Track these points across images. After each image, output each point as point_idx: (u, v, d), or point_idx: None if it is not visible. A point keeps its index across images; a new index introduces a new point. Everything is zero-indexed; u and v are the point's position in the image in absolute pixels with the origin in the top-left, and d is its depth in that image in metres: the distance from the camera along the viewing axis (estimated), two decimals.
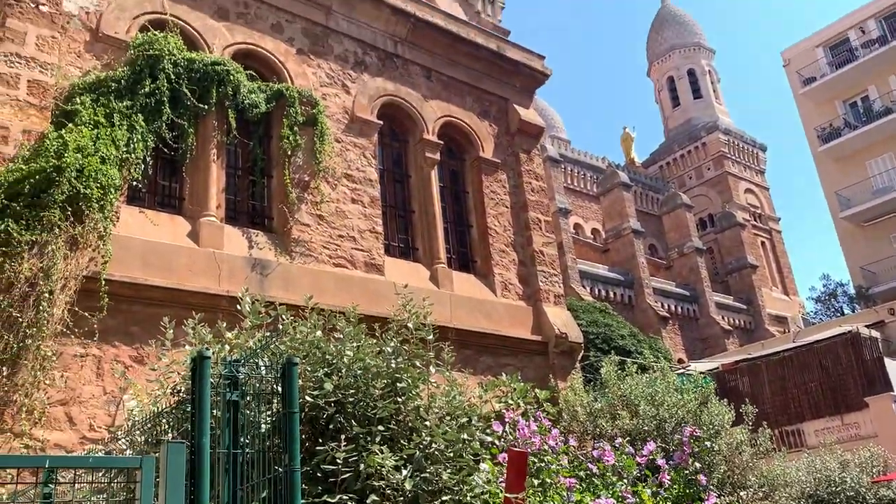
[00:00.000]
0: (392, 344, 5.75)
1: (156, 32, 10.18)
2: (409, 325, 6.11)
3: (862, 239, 34.26)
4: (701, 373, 18.43)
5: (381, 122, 12.76)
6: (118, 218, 9.05)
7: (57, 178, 7.96)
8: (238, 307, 6.20)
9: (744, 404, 11.86)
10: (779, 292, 47.51)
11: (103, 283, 8.36)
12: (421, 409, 5.55)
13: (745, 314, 42.57)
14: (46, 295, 7.59)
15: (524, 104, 15.28)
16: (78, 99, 9.04)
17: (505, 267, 13.52)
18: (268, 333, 5.45)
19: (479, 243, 13.69)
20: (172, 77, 9.95)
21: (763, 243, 49.12)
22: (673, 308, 38.49)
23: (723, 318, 40.25)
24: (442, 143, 13.54)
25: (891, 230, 33.63)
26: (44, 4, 9.37)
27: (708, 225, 49.17)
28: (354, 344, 5.53)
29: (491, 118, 14.66)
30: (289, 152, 11.11)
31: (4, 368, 7.25)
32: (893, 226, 33.53)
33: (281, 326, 5.72)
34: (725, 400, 11.60)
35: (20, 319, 7.37)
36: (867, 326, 20.79)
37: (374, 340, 5.83)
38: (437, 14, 14.37)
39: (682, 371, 19.41)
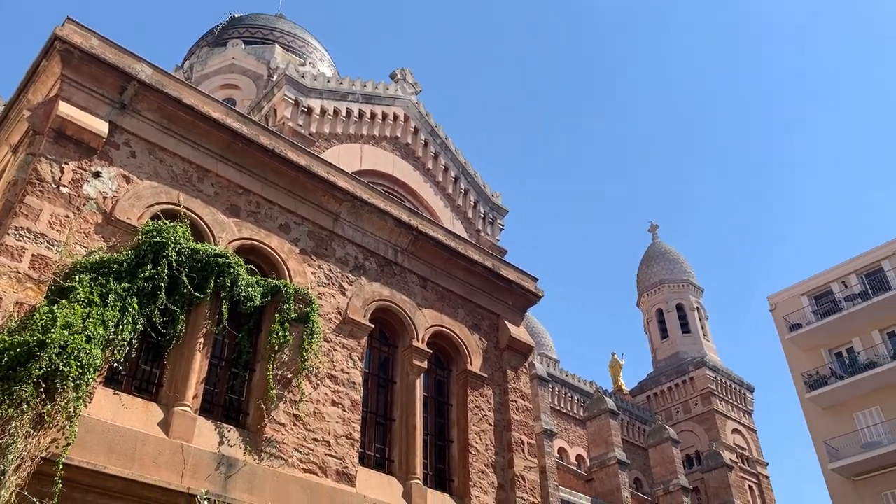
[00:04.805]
0: None
1: (166, 221, 10.55)
2: None
3: (854, 494, 32.97)
4: None
5: (373, 326, 12.83)
6: (91, 399, 8.80)
7: (38, 353, 7.85)
8: None
9: None
10: None
11: (60, 467, 7.93)
12: None
13: None
14: None
15: (515, 321, 15.48)
16: (77, 277, 9.15)
17: (483, 489, 12.92)
18: None
19: (458, 461, 13.19)
20: (174, 264, 10.13)
21: (751, 488, 47.41)
22: None
23: None
24: (431, 351, 13.52)
25: (882, 487, 32.51)
26: (65, 186, 9.81)
27: (695, 462, 47.78)
28: None
29: (482, 332, 14.77)
30: (276, 348, 11.04)
31: None
32: (885, 482, 32.45)
33: None
34: None
35: None
36: None
37: None
38: (439, 229, 15.01)
39: None
